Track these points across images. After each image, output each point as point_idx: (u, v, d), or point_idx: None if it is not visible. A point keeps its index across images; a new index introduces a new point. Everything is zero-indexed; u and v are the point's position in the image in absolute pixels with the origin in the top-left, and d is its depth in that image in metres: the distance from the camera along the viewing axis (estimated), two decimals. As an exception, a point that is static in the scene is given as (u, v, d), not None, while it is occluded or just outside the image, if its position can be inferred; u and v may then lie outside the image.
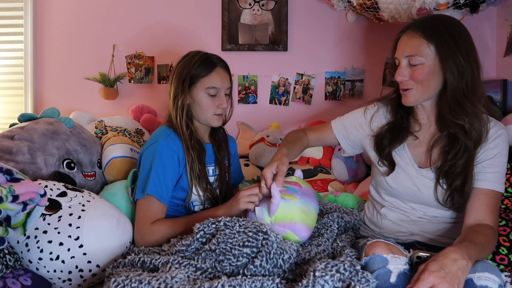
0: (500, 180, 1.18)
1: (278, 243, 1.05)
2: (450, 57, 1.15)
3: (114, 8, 2.44)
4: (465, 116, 1.15)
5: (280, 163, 1.20)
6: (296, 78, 2.37)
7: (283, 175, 1.18)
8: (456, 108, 1.16)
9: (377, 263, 1.02)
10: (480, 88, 1.18)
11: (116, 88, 2.42)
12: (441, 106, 1.21)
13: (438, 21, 1.21)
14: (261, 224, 1.08)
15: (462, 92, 1.16)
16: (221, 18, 2.36)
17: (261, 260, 1.02)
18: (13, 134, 1.45)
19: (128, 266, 1.10)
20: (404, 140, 1.29)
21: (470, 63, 1.16)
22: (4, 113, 2.53)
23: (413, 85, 1.20)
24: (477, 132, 1.16)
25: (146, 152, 1.36)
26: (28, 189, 1.04)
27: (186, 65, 1.40)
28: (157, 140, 1.35)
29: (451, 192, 1.20)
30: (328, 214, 1.35)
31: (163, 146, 1.34)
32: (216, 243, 1.06)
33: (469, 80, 1.16)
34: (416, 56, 1.18)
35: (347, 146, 1.44)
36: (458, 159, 1.18)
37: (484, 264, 1.01)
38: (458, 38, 1.17)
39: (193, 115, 1.43)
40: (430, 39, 1.17)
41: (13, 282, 1.07)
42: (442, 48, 1.16)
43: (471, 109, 1.15)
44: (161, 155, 1.33)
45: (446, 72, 1.16)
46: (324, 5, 2.33)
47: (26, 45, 2.46)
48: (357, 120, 1.41)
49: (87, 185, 1.54)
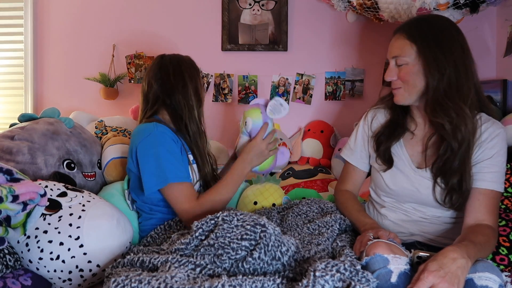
0: (499, 179, 1.18)
1: (276, 236, 1.05)
2: (431, 57, 1.18)
3: (114, 8, 2.44)
4: (446, 116, 1.17)
5: (378, 229, 1.16)
6: (296, 78, 2.37)
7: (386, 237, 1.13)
8: (436, 108, 1.19)
9: (378, 263, 1.01)
10: (467, 88, 1.17)
11: (116, 88, 2.42)
12: (426, 105, 1.24)
13: (424, 22, 1.24)
14: (259, 217, 1.09)
15: (443, 92, 1.17)
16: (221, 18, 2.36)
17: (259, 253, 1.02)
18: (13, 134, 1.45)
19: (127, 266, 1.10)
20: (401, 137, 1.30)
21: (454, 63, 1.17)
22: (4, 113, 2.53)
23: (401, 85, 1.24)
24: (462, 133, 1.16)
25: (142, 146, 1.34)
26: (28, 189, 1.04)
27: (188, 60, 1.51)
28: (150, 133, 1.35)
29: (449, 191, 1.20)
30: (331, 214, 1.35)
31: (161, 134, 1.35)
32: (215, 238, 1.07)
33: (453, 79, 1.17)
34: (400, 57, 1.22)
35: (367, 165, 1.44)
36: (449, 157, 1.18)
37: (485, 264, 1.00)
38: (442, 38, 1.19)
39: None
40: (412, 40, 1.21)
41: (13, 282, 1.07)
42: (423, 48, 1.19)
43: (453, 109, 1.16)
44: (163, 142, 1.34)
45: (427, 72, 1.19)
46: (324, 5, 2.33)
47: (26, 45, 2.46)
48: (359, 131, 1.43)
49: (87, 185, 1.54)
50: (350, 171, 1.47)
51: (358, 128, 1.44)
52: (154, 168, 1.32)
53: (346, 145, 1.49)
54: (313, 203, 1.46)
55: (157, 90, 1.45)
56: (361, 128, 1.43)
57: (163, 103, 1.46)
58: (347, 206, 1.38)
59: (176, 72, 1.46)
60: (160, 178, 1.31)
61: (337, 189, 1.50)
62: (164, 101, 1.46)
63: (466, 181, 1.18)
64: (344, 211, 1.38)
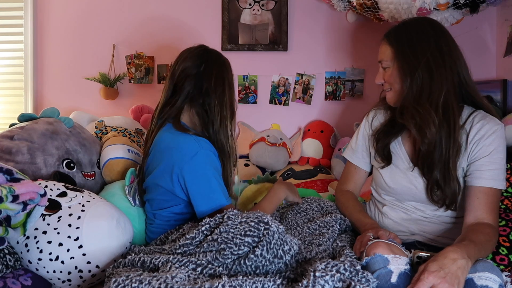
0: (499, 176, 1.17)
1: (279, 234, 1.05)
2: (403, 60, 1.23)
3: (114, 8, 2.44)
4: (411, 119, 1.20)
5: (378, 229, 1.17)
6: (296, 78, 2.37)
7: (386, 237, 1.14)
8: (403, 110, 1.24)
9: (378, 263, 1.02)
10: (436, 92, 1.18)
11: (116, 88, 2.42)
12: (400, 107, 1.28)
13: (403, 26, 1.28)
14: (263, 214, 1.10)
15: (413, 95, 1.21)
16: (221, 18, 2.36)
17: (262, 250, 1.02)
18: (13, 134, 1.45)
19: (128, 266, 1.10)
20: (400, 134, 1.31)
21: (428, 66, 1.18)
22: (4, 113, 2.53)
23: (388, 87, 1.30)
24: (430, 133, 1.17)
25: (189, 166, 1.26)
26: (28, 189, 1.04)
27: (228, 65, 1.43)
28: (196, 152, 1.26)
29: (432, 186, 1.21)
30: (331, 214, 1.35)
31: (207, 153, 1.28)
32: (219, 233, 1.07)
33: (426, 82, 1.19)
34: (383, 61, 1.29)
35: (368, 165, 1.45)
36: (426, 153, 1.20)
37: (485, 264, 1.00)
38: (415, 41, 1.22)
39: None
40: (389, 44, 1.27)
41: (13, 282, 1.07)
42: (397, 52, 1.25)
43: (418, 113, 1.19)
44: (210, 161, 1.29)
45: (401, 75, 1.23)
46: (324, 5, 2.33)
47: (26, 45, 2.46)
48: (361, 131, 1.45)
49: (86, 185, 1.54)
50: (351, 171, 1.47)
51: (359, 128, 1.45)
52: (206, 192, 1.26)
53: (347, 145, 1.50)
54: (312, 202, 1.46)
55: (192, 84, 1.35)
56: (362, 128, 1.44)
57: (195, 100, 1.36)
58: (348, 207, 1.39)
59: (218, 75, 1.37)
60: (214, 201, 1.26)
61: (338, 189, 1.50)
62: (196, 99, 1.35)
63: (448, 177, 1.18)
64: (345, 211, 1.38)
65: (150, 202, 1.39)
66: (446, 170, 1.18)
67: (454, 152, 1.18)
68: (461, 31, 2.05)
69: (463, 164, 1.21)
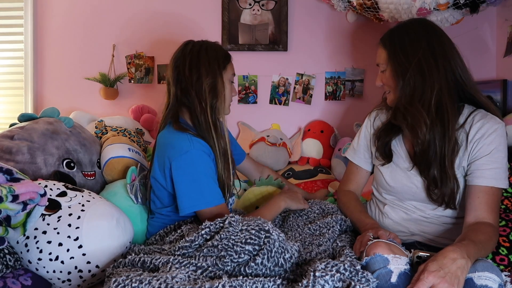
0: (500, 175, 1.17)
1: (280, 242, 1.05)
2: (396, 62, 1.25)
3: (114, 8, 2.44)
4: (403, 119, 1.22)
5: (378, 229, 1.17)
6: (296, 78, 2.37)
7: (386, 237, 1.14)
8: (396, 111, 1.26)
9: (378, 263, 1.02)
10: (428, 92, 1.19)
11: (116, 88, 2.41)
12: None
13: (396, 28, 1.30)
14: (264, 221, 1.09)
15: (405, 96, 1.22)
16: (221, 18, 2.36)
17: (263, 258, 1.02)
18: (13, 134, 1.45)
19: (128, 266, 1.10)
20: (400, 132, 1.31)
21: (420, 67, 1.19)
22: (4, 113, 2.53)
23: (388, 89, 1.32)
24: (422, 133, 1.18)
25: (178, 164, 1.27)
26: (28, 189, 1.04)
27: (213, 50, 1.38)
28: (186, 151, 1.27)
29: (429, 184, 1.22)
30: (332, 215, 1.35)
31: (198, 154, 1.28)
32: (219, 239, 1.06)
33: (418, 83, 1.20)
34: (380, 64, 1.32)
35: (370, 165, 1.45)
36: (421, 150, 1.21)
37: (485, 264, 1.00)
38: (407, 42, 1.24)
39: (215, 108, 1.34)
40: (384, 47, 1.30)
41: (13, 282, 1.07)
42: (390, 55, 1.27)
43: (409, 113, 1.20)
44: (200, 162, 1.28)
45: (395, 77, 1.25)
46: (324, 5, 2.33)
47: (26, 45, 2.46)
48: (363, 131, 1.45)
49: (87, 184, 1.54)
50: (353, 171, 1.47)
51: (361, 128, 1.46)
52: (191, 191, 1.27)
53: (349, 145, 1.50)
54: (314, 204, 1.47)
55: (174, 86, 1.35)
56: (364, 128, 1.45)
57: (180, 101, 1.36)
58: (349, 207, 1.39)
59: (192, 63, 1.34)
60: (198, 201, 1.27)
61: (340, 190, 1.50)
62: (181, 100, 1.36)
63: (444, 176, 1.19)
64: (346, 211, 1.39)
65: (153, 199, 1.43)
66: (443, 168, 1.19)
67: (449, 151, 1.18)
68: (461, 31, 2.05)
69: (464, 163, 1.21)
